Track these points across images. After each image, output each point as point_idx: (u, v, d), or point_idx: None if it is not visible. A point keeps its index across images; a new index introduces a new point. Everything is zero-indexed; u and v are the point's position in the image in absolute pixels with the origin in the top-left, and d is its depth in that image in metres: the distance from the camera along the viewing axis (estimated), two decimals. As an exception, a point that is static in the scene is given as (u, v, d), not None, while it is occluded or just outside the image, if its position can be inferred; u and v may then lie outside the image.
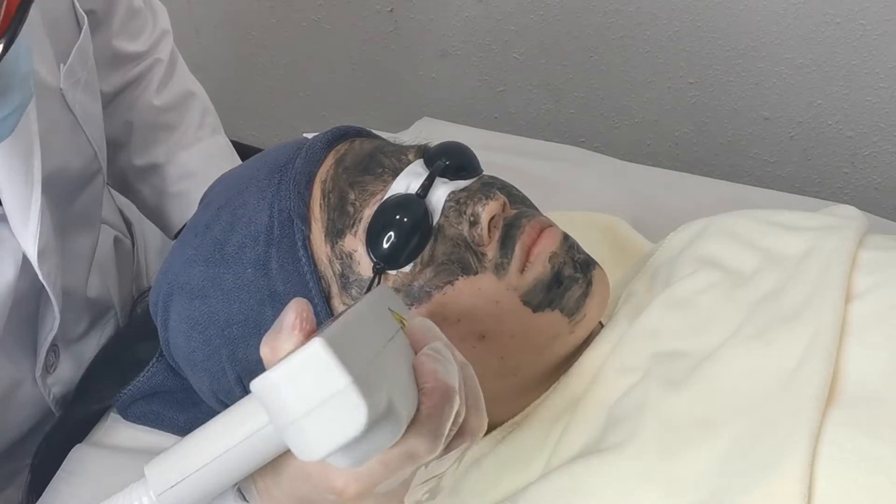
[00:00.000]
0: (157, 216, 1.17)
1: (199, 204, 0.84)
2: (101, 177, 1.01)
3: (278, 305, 0.75)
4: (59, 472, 0.90)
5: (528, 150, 1.29)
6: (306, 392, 0.47)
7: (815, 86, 1.63)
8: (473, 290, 0.73)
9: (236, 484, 0.59)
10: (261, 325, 0.75)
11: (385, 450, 0.51)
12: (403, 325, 0.59)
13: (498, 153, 1.17)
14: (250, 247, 0.76)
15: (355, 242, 0.74)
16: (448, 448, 0.56)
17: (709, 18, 1.65)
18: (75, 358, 1.00)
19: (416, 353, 0.56)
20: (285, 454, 0.55)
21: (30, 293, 0.91)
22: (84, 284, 1.02)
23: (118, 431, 0.94)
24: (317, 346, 0.47)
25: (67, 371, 0.99)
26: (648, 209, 1.12)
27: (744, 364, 0.71)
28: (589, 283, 0.76)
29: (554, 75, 1.82)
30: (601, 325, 0.81)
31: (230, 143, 1.22)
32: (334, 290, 0.75)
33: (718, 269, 0.80)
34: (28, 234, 0.86)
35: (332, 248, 0.75)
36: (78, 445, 0.93)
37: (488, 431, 0.78)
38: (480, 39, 1.84)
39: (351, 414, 0.46)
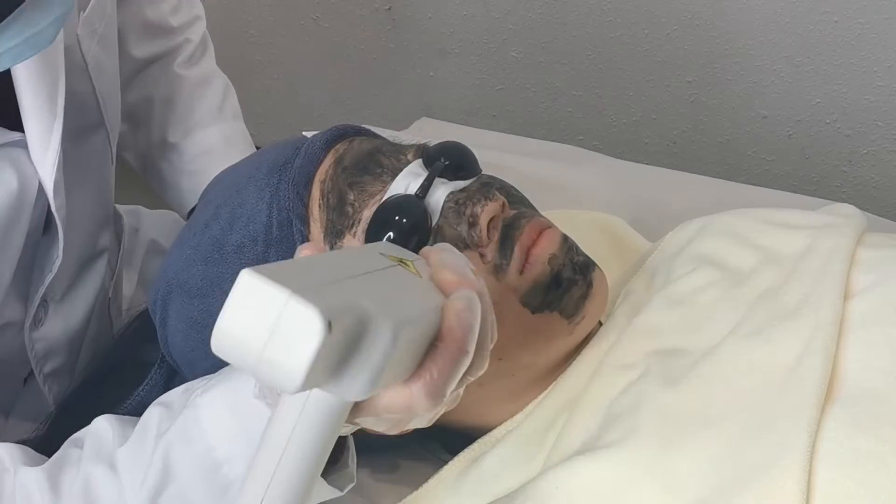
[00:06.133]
0: (173, 194, 1.18)
1: (199, 201, 0.84)
2: (105, 133, 0.99)
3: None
4: None
5: (526, 150, 1.29)
6: (254, 324, 0.45)
7: (813, 84, 1.63)
8: (472, 291, 0.73)
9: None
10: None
11: (385, 363, 0.48)
12: (407, 265, 0.56)
13: (495, 152, 1.17)
14: (249, 246, 0.76)
15: (354, 243, 0.74)
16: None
17: (707, 17, 1.65)
18: (62, 316, 0.99)
19: (439, 291, 0.55)
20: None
21: (37, 228, 0.89)
22: (84, 231, 1.00)
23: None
24: (244, 275, 0.45)
25: (55, 329, 0.98)
26: (646, 208, 1.12)
27: (742, 361, 0.71)
28: (589, 285, 0.76)
29: (552, 74, 1.82)
30: (600, 324, 0.81)
31: (247, 133, 1.22)
32: (333, 290, 0.75)
33: (717, 268, 0.80)
34: (47, 164, 0.84)
35: (331, 248, 0.75)
36: None
37: (488, 431, 0.78)
38: (479, 38, 1.84)
39: (305, 325, 0.44)
